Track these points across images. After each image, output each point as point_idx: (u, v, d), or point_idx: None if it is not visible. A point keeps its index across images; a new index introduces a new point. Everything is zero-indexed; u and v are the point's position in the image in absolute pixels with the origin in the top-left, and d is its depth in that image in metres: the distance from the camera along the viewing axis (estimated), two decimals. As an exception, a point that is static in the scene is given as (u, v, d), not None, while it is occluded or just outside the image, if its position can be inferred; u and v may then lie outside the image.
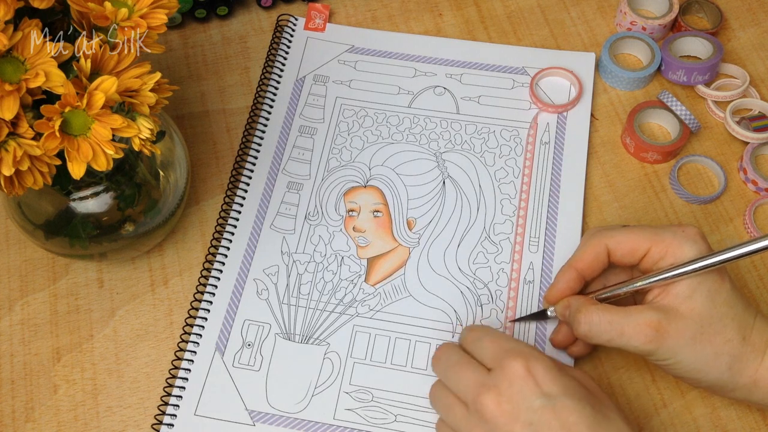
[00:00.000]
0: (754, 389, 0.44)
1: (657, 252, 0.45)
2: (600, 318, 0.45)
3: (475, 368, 0.43)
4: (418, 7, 0.66)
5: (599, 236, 0.47)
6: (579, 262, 0.48)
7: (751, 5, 0.67)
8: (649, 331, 0.43)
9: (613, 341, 0.45)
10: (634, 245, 0.46)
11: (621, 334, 0.44)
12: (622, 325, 0.44)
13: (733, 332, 0.44)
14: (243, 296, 0.53)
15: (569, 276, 0.48)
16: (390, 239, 0.56)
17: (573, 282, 0.48)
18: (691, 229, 0.45)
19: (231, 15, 0.66)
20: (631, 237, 0.46)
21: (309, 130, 0.60)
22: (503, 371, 0.41)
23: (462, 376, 0.43)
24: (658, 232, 0.46)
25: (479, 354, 0.44)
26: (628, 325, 0.44)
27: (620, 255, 0.47)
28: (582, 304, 0.46)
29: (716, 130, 0.61)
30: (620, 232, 0.47)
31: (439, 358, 0.46)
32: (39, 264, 0.55)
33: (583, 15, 0.66)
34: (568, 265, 0.48)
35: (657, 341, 0.43)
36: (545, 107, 0.60)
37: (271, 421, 0.49)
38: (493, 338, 0.44)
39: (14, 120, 0.37)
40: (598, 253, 0.47)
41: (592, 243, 0.47)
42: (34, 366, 0.52)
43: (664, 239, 0.45)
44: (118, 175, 0.49)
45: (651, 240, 0.45)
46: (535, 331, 0.52)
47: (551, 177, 0.58)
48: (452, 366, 0.44)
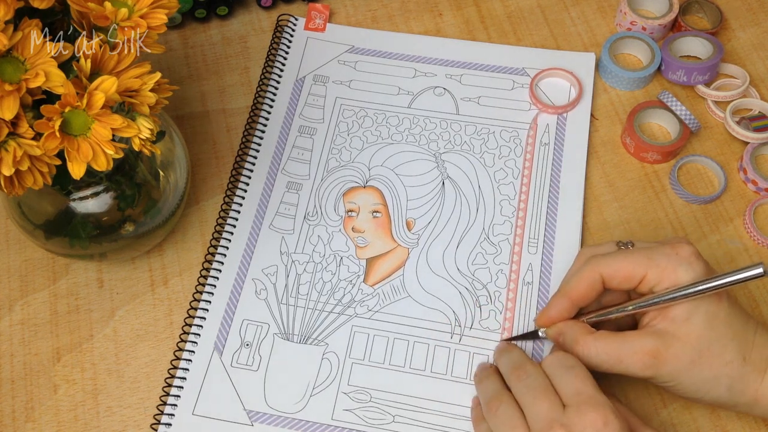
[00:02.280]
0: (755, 406, 0.44)
1: (653, 277, 0.44)
2: (597, 348, 0.44)
3: (554, 401, 0.42)
4: (418, 7, 0.66)
5: (593, 265, 0.46)
6: (573, 291, 0.47)
7: (751, 5, 0.67)
8: (647, 359, 0.43)
9: (613, 369, 0.44)
10: (629, 272, 0.45)
11: (619, 362, 0.44)
12: (619, 353, 0.44)
13: (732, 353, 0.43)
14: (242, 296, 0.53)
15: (562, 305, 0.47)
16: (389, 240, 0.56)
17: (566, 311, 0.47)
18: (685, 249, 0.45)
19: (231, 15, 0.66)
20: (625, 264, 0.45)
21: (309, 130, 0.60)
22: (580, 416, 0.41)
23: (539, 403, 0.42)
24: (653, 257, 0.45)
25: (560, 384, 0.43)
26: (625, 352, 0.44)
27: (616, 283, 0.46)
28: (578, 335, 0.46)
29: (716, 130, 0.61)
30: (615, 260, 0.46)
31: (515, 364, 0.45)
32: (39, 264, 0.55)
33: (583, 15, 0.66)
34: (562, 293, 0.47)
35: (655, 368, 0.43)
36: (545, 108, 0.60)
37: (269, 421, 0.49)
38: (581, 376, 0.43)
39: (14, 120, 0.37)
40: (593, 281, 0.46)
41: (586, 271, 0.46)
42: (34, 366, 0.52)
43: (659, 264, 0.44)
44: (118, 175, 0.49)
45: (646, 266, 0.45)
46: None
47: (551, 178, 0.58)
48: (532, 389, 0.43)
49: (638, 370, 0.44)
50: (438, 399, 0.50)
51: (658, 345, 0.43)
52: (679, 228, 0.56)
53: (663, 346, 0.43)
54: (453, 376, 0.51)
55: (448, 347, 0.52)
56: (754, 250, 0.56)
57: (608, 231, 0.56)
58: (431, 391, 0.50)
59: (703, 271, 0.44)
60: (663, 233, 0.56)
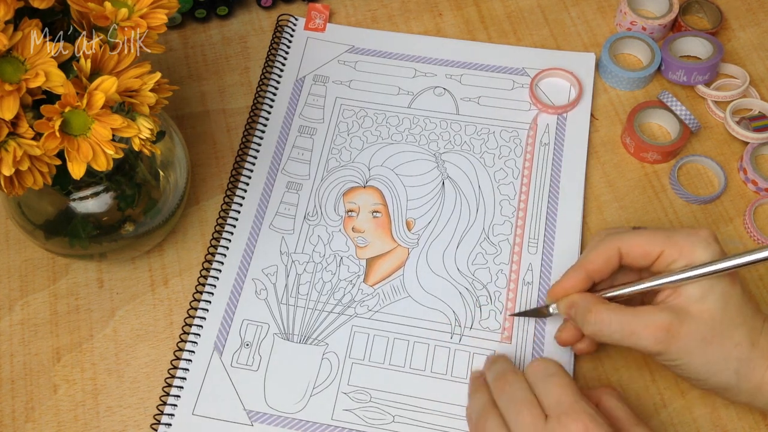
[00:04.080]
0: (758, 394, 0.44)
1: (670, 255, 0.45)
2: (610, 318, 0.45)
3: (536, 414, 0.42)
4: (418, 7, 0.66)
5: (611, 239, 0.46)
6: (590, 264, 0.47)
7: (751, 5, 0.67)
8: (659, 333, 0.43)
9: (623, 341, 0.44)
10: (647, 248, 0.45)
11: (631, 333, 0.44)
12: (632, 325, 0.44)
13: (742, 336, 0.44)
14: (242, 296, 0.53)
15: (578, 276, 0.47)
16: (389, 240, 0.56)
17: (581, 282, 0.47)
18: (704, 231, 0.45)
19: (231, 15, 0.66)
20: (644, 240, 0.45)
21: (308, 130, 0.60)
22: (561, 428, 0.40)
23: (521, 418, 0.42)
24: (671, 235, 0.45)
25: (542, 393, 0.43)
26: (638, 325, 0.44)
27: (633, 258, 0.46)
28: (591, 303, 0.46)
29: (716, 130, 0.61)
30: (633, 236, 0.46)
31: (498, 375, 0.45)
32: (39, 264, 0.55)
33: (583, 15, 0.66)
34: (578, 265, 0.48)
35: (667, 342, 0.43)
36: (545, 108, 0.60)
37: (269, 421, 0.49)
38: (561, 383, 0.43)
39: (14, 120, 0.37)
40: (610, 256, 0.46)
41: (604, 245, 0.46)
42: (34, 366, 0.52)
43: (677, 242, 0.45)
44: (118, 175, 0.49)
45: (664, 243, 0.45)
46: (533, 332, 0.52)
47: (551, 178, 0.58)
48: (515, 401, 0.43)
49: (650, 344, 0.43)
50: (438, 399, 0.50)
51: (672, 320, 0.43)
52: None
53: (677, 322, 0.43)
54: (453, 376, 0.51)
55: (448, 347, 0.52)
56: (754, 250, 0.56)
57: (608, 231, 0.56)
58: (431, 391, 0.50)
59: (719, 252, 0.44)
60: (663, 233, 0.56)
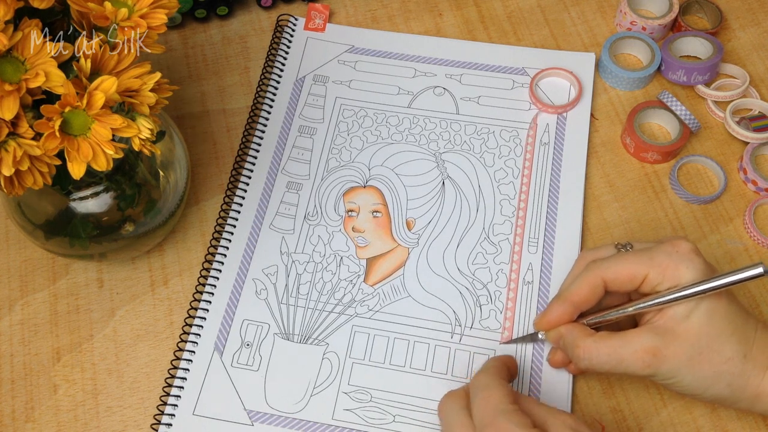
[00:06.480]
0: (757, 402, 0.44)
1: (654, 277, 0.44)
2: (598, 351, 0.45)
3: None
4: (418, 7, 0.66)
5: (595, 269, 0.46)
6: (575, 296, 0.47)
7: (751, 5, 0.67)
8: (646, 357, 0.43)
9: (615, 369, 0.44)
10: (631, 274, 0.45)
11: (620, 361, 0.44)
12: (619, 353, 0.44)
13: (732, 350, 0.43)
14: (242, 296, 0.53)
15: (563, 309, 0.47)
16: (389, 239, 0.56)
17: (567, 315, 0.47)
18: (684, 245, 0.45)
19: (231, 15, 0.66)
20: (627, 266, 0.45)
21: (308, 130, 0.60)
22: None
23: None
24: (653, 256, 0.45)
25: (473, 410, 0.43)
26: (625, 352, 0.44)
27: (618, 285, 0.46)
28: (578, 338, 0.46)
29: (716, 130, 0.61)
30: (616, 262, 0.46)
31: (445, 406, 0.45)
32: (39, 264, 0.55)
33: (583, 15, 0.66)
34: (563, 298, 0.47)
35: (656, 365, 0.43)
36: (545, 108, 0.60)
37: (269, 421, 0.49)
38: (487, 397, 0.42)
39: (14, 120, 0.37)
40: (594, 286, 0.46)
41: (588, 276, 0.46)
42: (34, 366, 0.52)
43: (660, 263, 0.44)
44: (118, 175, 0.49)
45: (648, 266, 0.45)
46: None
47: (551, 177, 0.58)
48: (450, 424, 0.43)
49: (638, 369, 0.44)
50: (438, 399, 0.50)
51: (657, 343, 0.43)
52: (679, 228, 0.56)
53: (662, 344, 0.43)
54: (453, 375, 0.51)
55: (449, 347, 0.52)
56: (754, 250, 0.56)
57: (608, 231, 0.56)
58: (432, 390, 0.50)
59: (703, 267, 0.44)
60: (663, 233, 0.56)
